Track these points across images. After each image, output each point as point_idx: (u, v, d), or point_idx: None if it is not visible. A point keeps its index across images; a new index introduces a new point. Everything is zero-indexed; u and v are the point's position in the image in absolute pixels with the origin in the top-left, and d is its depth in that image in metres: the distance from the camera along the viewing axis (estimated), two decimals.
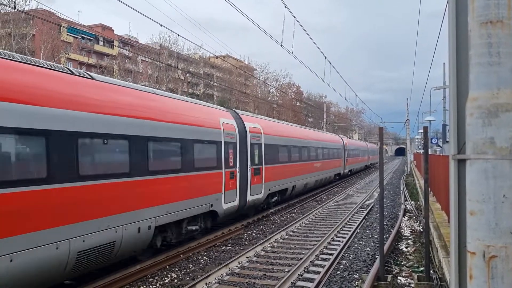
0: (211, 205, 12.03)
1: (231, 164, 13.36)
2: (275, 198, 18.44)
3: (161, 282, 8.72)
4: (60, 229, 6.64)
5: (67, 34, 55.32)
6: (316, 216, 17.00)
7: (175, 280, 8.85)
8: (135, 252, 9.11)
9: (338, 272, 9.25)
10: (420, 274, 8.68)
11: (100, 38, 65.40)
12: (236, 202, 13.78)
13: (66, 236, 6.72)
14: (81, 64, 60.20)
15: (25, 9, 38.10)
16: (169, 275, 9.17)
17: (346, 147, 36.85)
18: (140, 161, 8.81)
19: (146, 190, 8.99)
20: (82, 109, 7.30)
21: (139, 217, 8.66)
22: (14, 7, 20.99)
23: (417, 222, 15.50)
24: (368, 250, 11.28)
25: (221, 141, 12.68)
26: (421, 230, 13.30)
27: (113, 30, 70.06)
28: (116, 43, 64.63)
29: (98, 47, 66.00)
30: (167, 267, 9.76)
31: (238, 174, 13.84)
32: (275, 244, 12.05)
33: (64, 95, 7.09)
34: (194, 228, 11.35)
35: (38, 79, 6.82)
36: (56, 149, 6.72)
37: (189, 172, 10.85)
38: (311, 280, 8.59)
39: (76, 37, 57.67)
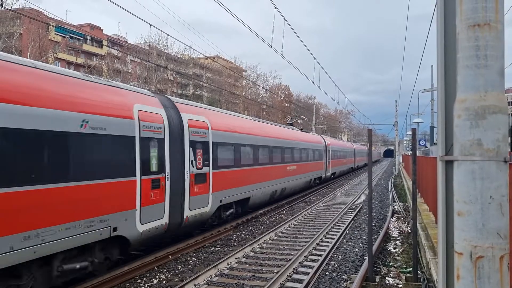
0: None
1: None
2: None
3: (150, 284, 8.67)
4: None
5: (55, 33, 54.79)
6: (305, 217, 17.03)
7: (164, 281, 8.80)
8: None
9: (327, 273, 9.28)
10: (408, 274, 8.74)
11: (89, 38, 64.89)
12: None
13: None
14: (69, 63, 59.66)
15: (13, 7, 37.67)
16: (157, 276, 9.12)
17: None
18: None
19: (311, 166, 13.81)
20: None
21: (312, 174, 13.88)
22: (1, 5, 20.74)
23: (405, 223, 15.61)
24: (356, 251, 11.34)
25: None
26: (409, 231, 13.40)
27: (102, 30, 69.53)
28: (105, 42, 64.17)
29: (87, 47, 65.45)
30: (156, 268, 9.71)
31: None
32: (264, 245, 12.05)
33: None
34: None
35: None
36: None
37: (316, 161, 10.11)
38: (300, 281, 8.61)
39: (64, 37, 57.11)
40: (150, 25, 15.65)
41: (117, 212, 8.60)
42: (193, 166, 11.77)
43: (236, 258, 10.42)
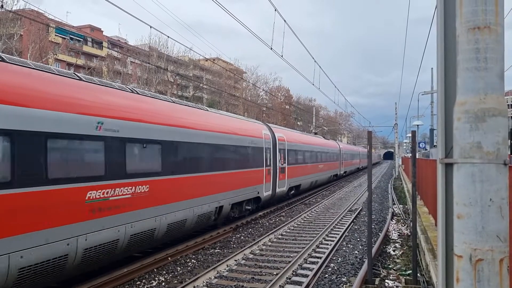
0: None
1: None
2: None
3: (149, 285, 8.66)
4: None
5: (55, 35, 54.84)
6: (305, 219, 17.03)
7: (163, 283, 8.79)
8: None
9: (327, 275, 9.27)
10: (408, 277, 8.74)
11: (89, 39, 64.94)
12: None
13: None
14: (69, 65, 59.70)
15: (13, 8, 37.70)
16: (156, 278, 9.10)
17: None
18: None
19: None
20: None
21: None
22: (2, 6, 20.76)
23: (404, 225, 15.60)
24: (356, 253, 11.33)
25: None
26: (409, 233, 13.39)
27: (102, 31, 69.59)
28: (105, 44, 64.26)
29: (87, 48, 65.51)
30: (155, 270, 9.69)
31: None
32: (264, 247, 12.04)
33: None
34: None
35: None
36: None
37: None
38: (299, 283, 8.60)
39: (65, 38, 57.15)
40: (151, 27, 15.67)
41: (258, 185, 16.97)
42: (279, 163, 19.59)
43: (236, 260, 10.41)
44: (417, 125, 38.55)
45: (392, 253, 11.64)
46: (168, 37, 17.26)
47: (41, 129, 6.84)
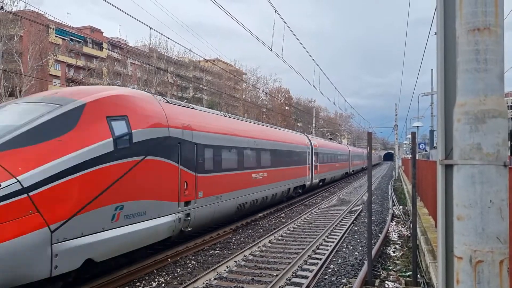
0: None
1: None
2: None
3: (149, 286, 8.64)
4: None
5: (56, 36, 54.86)
6: (305, 220, 17.02)
7: (163, 284, 8.78)
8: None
9: (326, 277, 9.26)
10: (408, 278, 8.73)
11: (89, 40, 64.97)
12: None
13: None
14: (69, 66, 59.71)
15: (13, 10, 37.72)
16: (156, 280, 9.09)
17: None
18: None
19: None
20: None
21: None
22: (2, 7, 20.77)
23: (404, 226, 15.59)
24: (356, 255, 11.32)
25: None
26: (409, 234, 13.38)
27: (102, 32, 69.64)
28: (105, 45, 64.24)
29: (87, 49, 65.52)
30: (155, 271, 9.68)
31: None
32: (264, 248, 12.03)
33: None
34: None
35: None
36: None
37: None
38: (299, 284, 8.59)
39: (65, 39, 57.18)
40: (151, 28, 15.68)
41: (305, 176, 25.27)
42: (314, 162, 27.67)
43: (236, 262, 10.40)
44: (417, 126, 38.45)
45: (392, 254, 11.63)
46: (168, 38, 17.32)
47: (234, 144, 14.60)
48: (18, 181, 6.28)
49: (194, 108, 12.90)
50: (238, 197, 14.53)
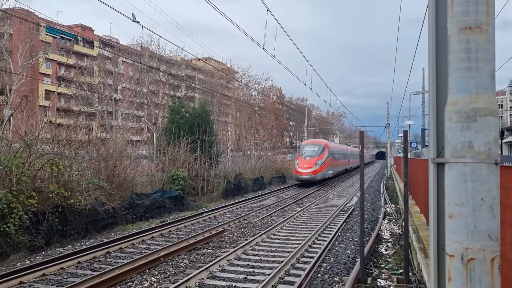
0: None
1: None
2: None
3: (140, 286, 8.61)
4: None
5: (46, 34, 54.41)
6: (297, 219, 17.05)
7: (155, 284, 8.74)
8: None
9: (319, 275, 9.28)
10: (399, 276, 8.77)
11: (80, 39, 64.50)
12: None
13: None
14: (60, 64, 59.21)
15: (3, 7, 37.33)
16: (148, 279, 9.06)
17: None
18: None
19: (343, 162, 49.30)
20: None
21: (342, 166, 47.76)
22: None
23: (396, 225, 15.68)
24: (348, 253, 11.36)
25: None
26: (401, 233, 13.46)
27: (93, 31, 69.17)
28: (96, 43, 63.83)
29: (78, 48, 65.07)
30: (147, 270, 9.65)
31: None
32: (256, 247, 12.03)
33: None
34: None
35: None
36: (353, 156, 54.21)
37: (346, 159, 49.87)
38: (292, 283, 8.60)
39: (55, 37, 56.73)
40: (142, 26, 15.59)
41: (346, 165, 52.13)
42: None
43: (228, 260, 10.39)
44: (409, 125, 38.79)
45: (384, 252, 11.69)
46: (160, 36, 17.20)
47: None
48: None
49: (333, 141, 28.25)
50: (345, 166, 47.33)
